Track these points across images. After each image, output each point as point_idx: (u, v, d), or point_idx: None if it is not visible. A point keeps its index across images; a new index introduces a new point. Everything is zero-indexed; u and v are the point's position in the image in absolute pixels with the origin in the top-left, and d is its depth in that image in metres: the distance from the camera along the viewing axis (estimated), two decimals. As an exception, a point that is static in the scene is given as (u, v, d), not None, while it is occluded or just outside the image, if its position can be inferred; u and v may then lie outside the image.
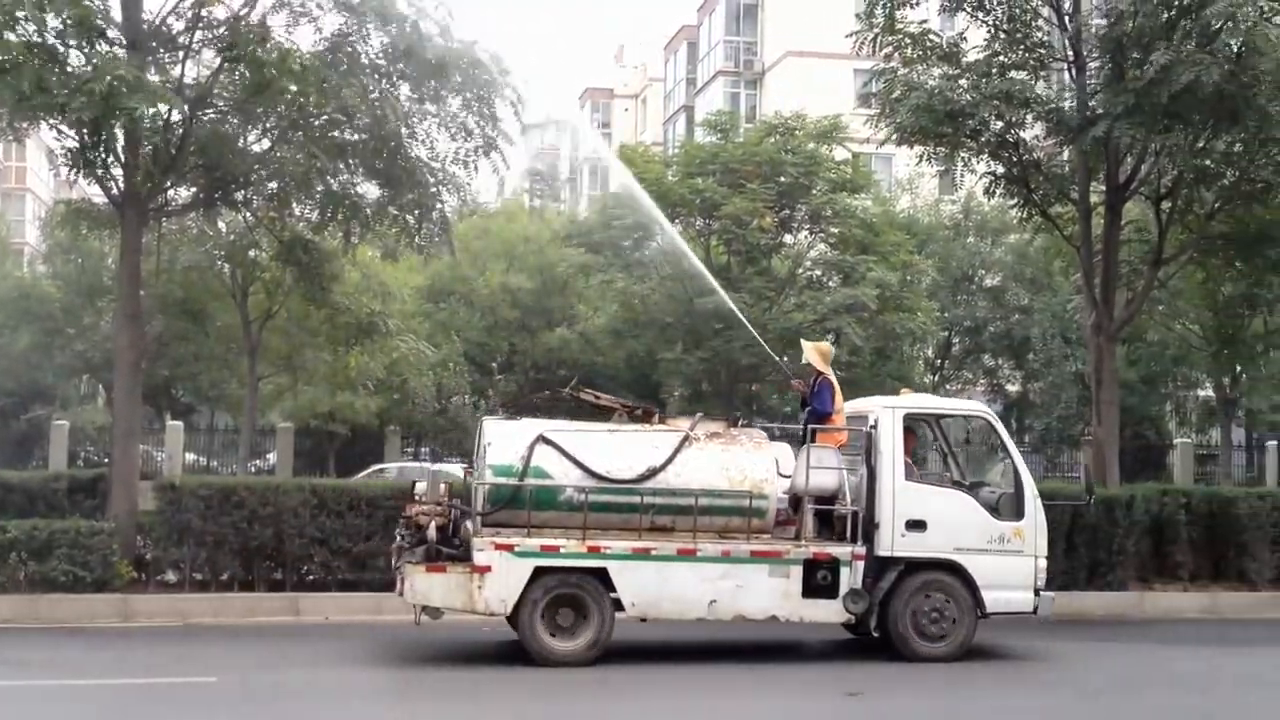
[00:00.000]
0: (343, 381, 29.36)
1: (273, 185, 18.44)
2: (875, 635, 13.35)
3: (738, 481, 12.95)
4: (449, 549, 12.78)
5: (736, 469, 13.01)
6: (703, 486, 12.81)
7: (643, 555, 12.71)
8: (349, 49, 17.10)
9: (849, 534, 13.15)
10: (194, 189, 18.64)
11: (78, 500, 17.04)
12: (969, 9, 19.36)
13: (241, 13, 16.73)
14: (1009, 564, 13.46)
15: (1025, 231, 27.38)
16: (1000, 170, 20.20)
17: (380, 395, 30.26)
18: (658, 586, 12.75)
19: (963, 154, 20.17)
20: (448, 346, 32.46)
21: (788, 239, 30.05)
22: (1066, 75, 19.99)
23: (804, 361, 14.29)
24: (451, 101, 17.56)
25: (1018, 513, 13.62)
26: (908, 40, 19.14)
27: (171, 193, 18.44)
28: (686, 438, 13.12)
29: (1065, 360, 32.61)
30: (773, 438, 14.06)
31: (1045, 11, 19.39)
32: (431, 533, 12.67)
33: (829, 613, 13.16)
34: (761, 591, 12.89)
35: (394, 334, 27.74)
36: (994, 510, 13.65)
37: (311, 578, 16.55)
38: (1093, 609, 16.98)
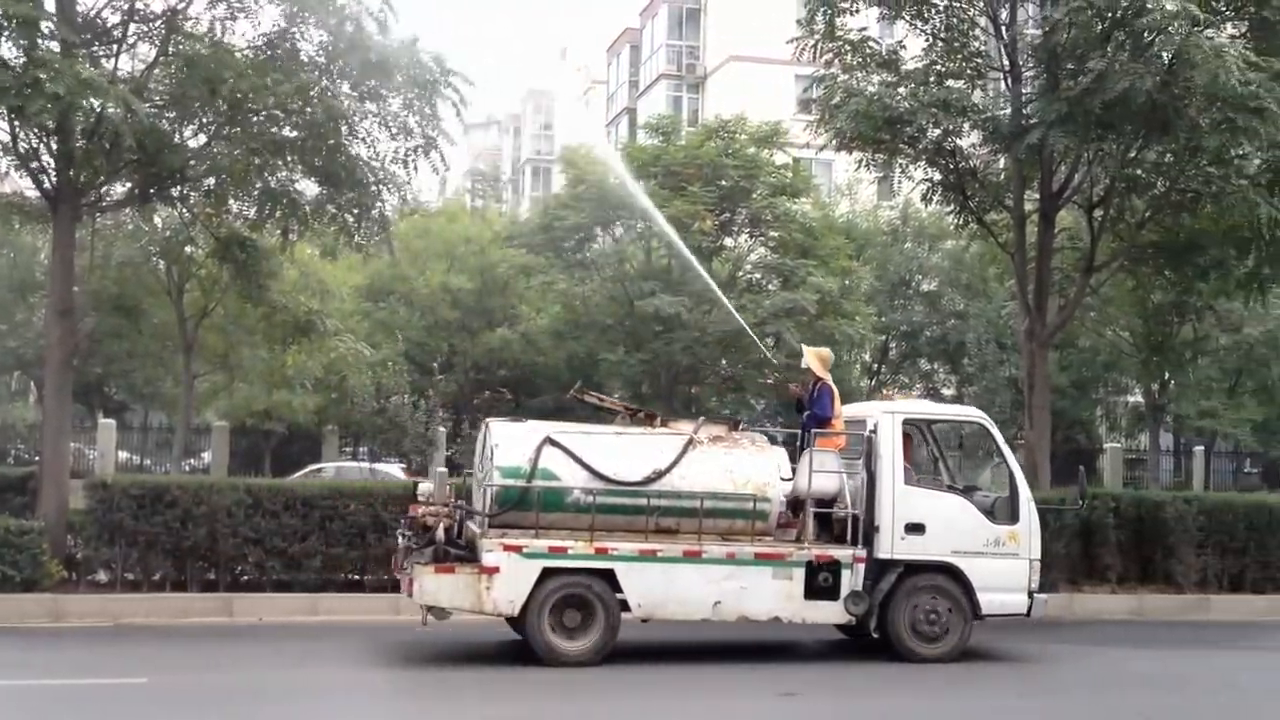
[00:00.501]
0: (279, 380, 29.04)
1: (209, 181, 18.23)
2: (875, 636, 13.48)
3: (741, 484, 13.04)
4: (456, 550, 12.77)
5: (740, 472, 13.10)
6: (707, 489, 12.91)
7: (649, 557, 12.78)
8: (288, 44, 16.97)
9: (849, 537, 13.30)
10: (129, 184, 18.40)
11: (7, 498, 16.84)
12: (908, 18, 19.64)
13: (179, 6, 16.55)
14: (1004, 566, 13.65)
15: (961, 238, 27.72)
16: (937, 177, 20.49)
17: (318, 394, 30.00)
18: (664, 588, 12.82)
19: (901, 160, 20.46)
20: (388, 346, 32.24)
21: (728, 242, 30.21)
22: (1003, 84, 20.30)
23: (803, 367, 14.45)
24: (392, 100, 17.48)
25: (1013, 516, 13.82)
26: (847, 47, 19.39)
27: (106, 188, 18.18)
28: (691, 441, 13.20)
29: (999, 365, 33.00)
30: (771, 441, 14.19)
31: (982, 21, 19.69)
32: (440, 534, 12.66)
33: (830, 614, 13.31)
34: (765, 593, 13.00)
35: (332, 333, 27.52)
36: (989, 514, 13.82)
37: (246, 578, 16.42)
38: (1023, 611, 17.20)
